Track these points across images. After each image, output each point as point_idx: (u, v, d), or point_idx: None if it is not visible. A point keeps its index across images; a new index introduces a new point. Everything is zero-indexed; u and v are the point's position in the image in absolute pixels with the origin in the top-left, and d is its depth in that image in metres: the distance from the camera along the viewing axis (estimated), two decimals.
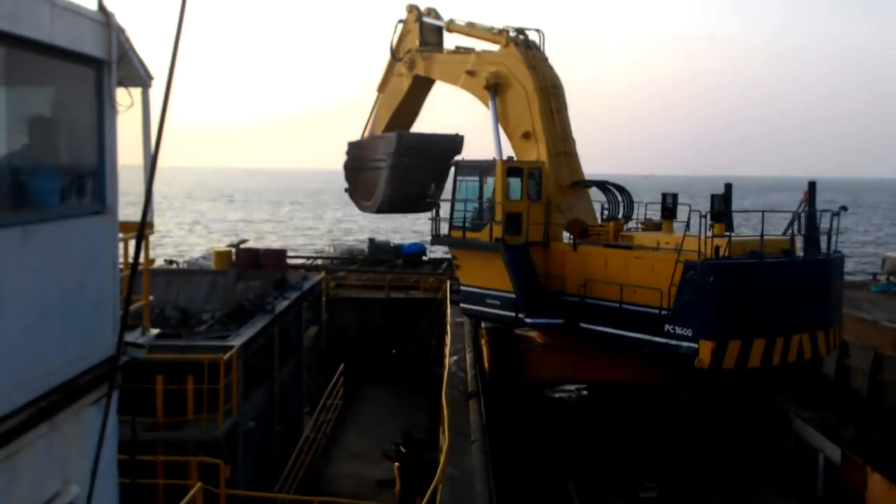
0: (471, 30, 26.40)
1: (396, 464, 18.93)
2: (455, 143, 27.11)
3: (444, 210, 24.15)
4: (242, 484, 16.45)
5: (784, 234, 21.46)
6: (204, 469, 14.24)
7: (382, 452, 21.80)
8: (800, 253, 20.70)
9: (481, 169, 23.22)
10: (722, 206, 20.65)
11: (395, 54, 27.40)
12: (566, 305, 21.43)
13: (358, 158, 28.08)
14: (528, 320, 21.79)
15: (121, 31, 7.59)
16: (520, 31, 25.09)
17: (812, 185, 24.92)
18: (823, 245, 20.76)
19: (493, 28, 25.61)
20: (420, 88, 27.44)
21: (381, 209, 27.48)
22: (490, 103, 24.33)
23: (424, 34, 27.12)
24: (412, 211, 28.68)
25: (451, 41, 27.42)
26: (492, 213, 22.59)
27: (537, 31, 25.11)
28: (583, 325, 20.96)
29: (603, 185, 23.83)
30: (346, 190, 28.78)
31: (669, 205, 21.79)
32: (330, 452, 22.79)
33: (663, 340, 19.05)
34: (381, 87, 28.27)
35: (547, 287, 22.17)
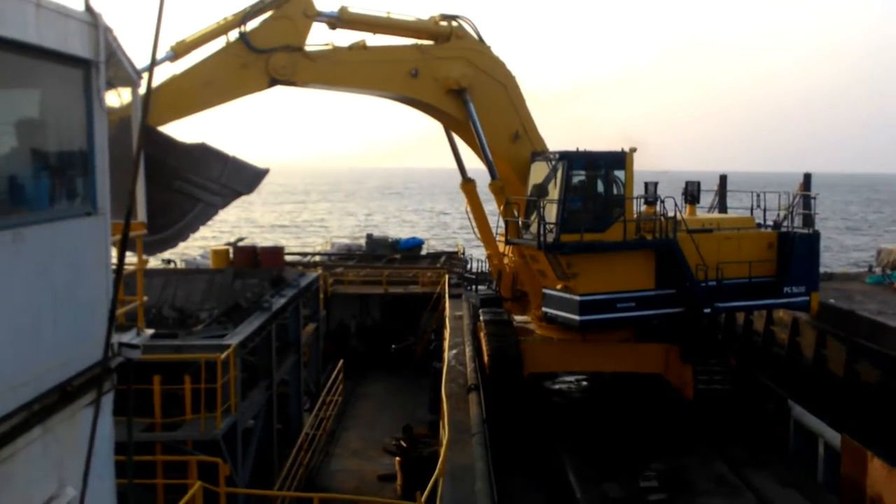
0: (385, 20, 20.67)
1: (397, 458, 18.98)
2: None
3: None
4: (242, 482, 16.45)
5: (785, 217, 25.46)
6: (203, 468, 14.21)
7: (383, 447, 21.83)
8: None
9: (608, 161, 21.95)
10: (695, 191, 25.58)
11: (251, 44, 18.91)
12: (692, 290, 22.18)
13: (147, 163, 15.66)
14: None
15: (108, 31, 7.56)
16: (449, 18, 21.42)
17: (807, 177, 31.58)
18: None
19: (417, 18, 20.90)
20: None
21: (168, 248, 18.77)
22: (469, 108, 21.46)
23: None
24: None
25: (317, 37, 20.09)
26: (621, 210, 21.83)
27: (457, 18, 21.52)
28: (718, 305, 22.72)
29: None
30: None
31: (693, 192, 25.47)
32: (330, 449, 22.77)
33: (784, 300, 23.62)
34: (182, 56, 18.79)
35: None
